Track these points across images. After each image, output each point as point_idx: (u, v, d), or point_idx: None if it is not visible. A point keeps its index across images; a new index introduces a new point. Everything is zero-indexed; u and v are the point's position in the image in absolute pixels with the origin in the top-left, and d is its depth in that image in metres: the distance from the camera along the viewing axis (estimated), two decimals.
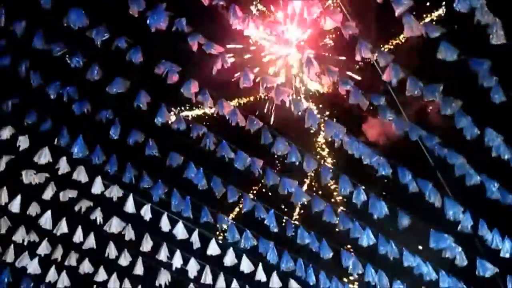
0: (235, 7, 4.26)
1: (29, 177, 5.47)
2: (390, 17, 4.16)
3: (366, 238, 5.26)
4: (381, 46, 4.33)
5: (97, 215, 5.54)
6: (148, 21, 4.30)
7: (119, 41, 4.42)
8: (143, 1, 4.25)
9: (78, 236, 5.80)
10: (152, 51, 4.52)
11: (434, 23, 4.22)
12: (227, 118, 4.75)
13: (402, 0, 4.10)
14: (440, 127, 4.80)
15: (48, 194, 5.54)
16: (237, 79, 4.48)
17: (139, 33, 4.46)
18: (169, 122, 4.81)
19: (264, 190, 5.20)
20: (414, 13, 4.09)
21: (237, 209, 5.32)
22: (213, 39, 4.37)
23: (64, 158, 5.26)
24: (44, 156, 5.24)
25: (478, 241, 5.12)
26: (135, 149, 5.06)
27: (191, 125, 4.87)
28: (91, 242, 5.85)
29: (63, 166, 5.28)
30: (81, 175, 5.32)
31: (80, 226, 5.75)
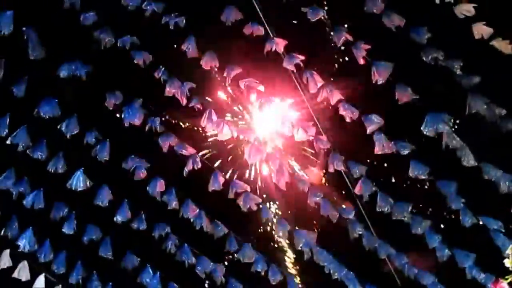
0: (211, 111, 4.50)
1: None
2: (363, 132, 4.49)
3: None
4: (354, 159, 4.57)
5: None
6: (122, 115, 4.45)
7: (89, 135, 4.49)
8: (121, 95, 4.44)
9: None
10: (121, 145, 4.59)
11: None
12: (192, 221, 4.73)
13: (373, 119, 4.49)
14: (409, 244, 4.94)
15: None
16: (206, 180, 4.57)
17: (110, 126, 4.56)
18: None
19: None
20: None
21: None
22: (186, 140, 4.53)
23: (8, 251, 4.97)
24: None
25: None
26: (88, 246, 4.86)
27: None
28: None
29: (4, 260, 4.96)
30: (23, 272, 4.98)
31: None
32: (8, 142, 4.55)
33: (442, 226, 4.88)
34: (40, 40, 4.30)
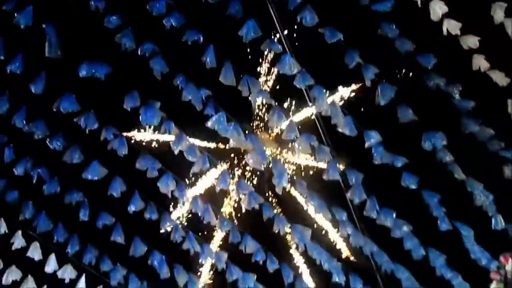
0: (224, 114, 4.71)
1: None
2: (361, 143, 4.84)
3: None
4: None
5: None
6: (140, 118, 4.62)
7: (107, 132, 4.67)
8: (139, 99, 4.58)
9: None
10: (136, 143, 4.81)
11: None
12: (199, 214, 5.09)
13: (372, 134, 4.82)
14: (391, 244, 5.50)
15: None
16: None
17: (127, 123, 4.75)
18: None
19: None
20: None
21: None
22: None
23: (20, 232, 5.27)
24: None
25: None
26: (100, 231, 5.20)
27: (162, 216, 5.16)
28: None
29: (18, 241, 5.27)
30: (35, 252, 5.32)
31: None
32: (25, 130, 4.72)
33: (420, 231, 5.41)
34: (59, 39, 4.35)
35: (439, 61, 4.61)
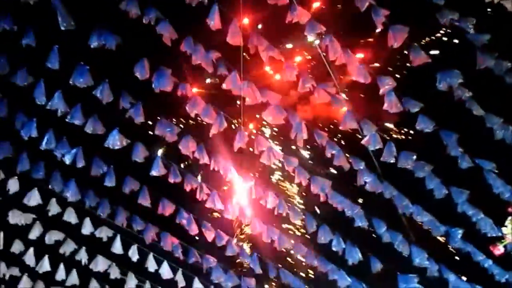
0: (235, 75, 4.76)
1: (15, 218, 5.77)
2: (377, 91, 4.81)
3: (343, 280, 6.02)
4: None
5: (83, 257, 5.90)
6: (153, 84, 4.71)
7: (123, 101, 4.78)
8: (148, 67, 4.64)
9: (60, 274, 6.10)
10: (154, 109, 4.92)
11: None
12: (221, 171, 5.27)
13: (386, 80, 4.78)
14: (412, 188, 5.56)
15: (34, 234, 5.85)
16: (232, 140, 5.00)
17: (142, 91, 4.84)
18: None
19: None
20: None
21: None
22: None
23: (54, 199, 5.58)
24: (33, 199, 5.51)
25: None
26: (128, 196, 5.45)
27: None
28: (74, 279, 6.18)
29: (53, 207, 5.59)
30: (71, 216, 5.66)
31: (62, 264, 6.07)
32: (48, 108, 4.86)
33: (441, 169, 5.44)
34: (68, 10, 4.38)
35: None
